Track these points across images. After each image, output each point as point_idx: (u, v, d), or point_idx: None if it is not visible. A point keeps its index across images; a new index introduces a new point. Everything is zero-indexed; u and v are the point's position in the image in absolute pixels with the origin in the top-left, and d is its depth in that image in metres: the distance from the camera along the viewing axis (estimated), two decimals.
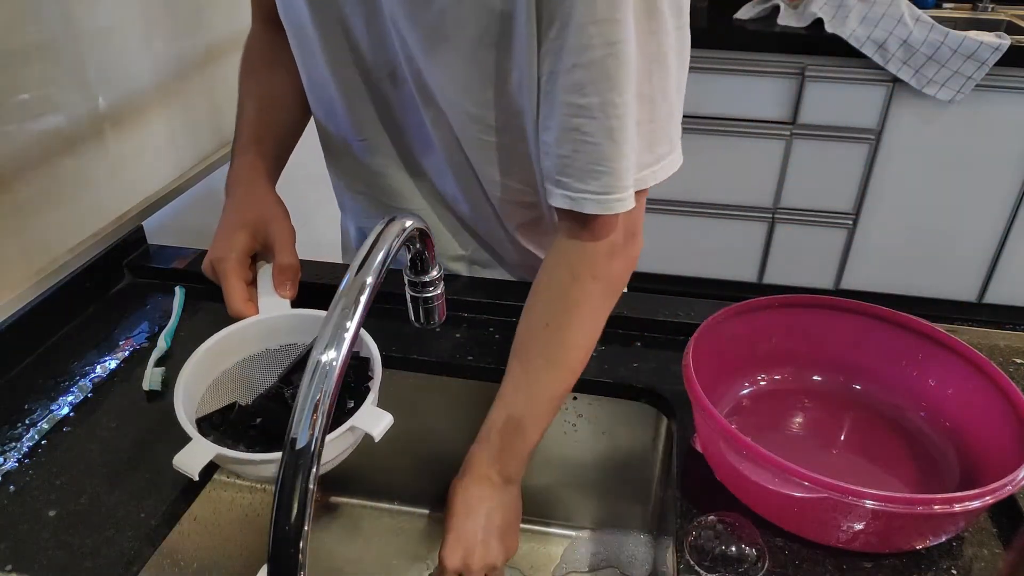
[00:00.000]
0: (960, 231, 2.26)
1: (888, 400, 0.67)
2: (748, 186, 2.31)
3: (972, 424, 0.62)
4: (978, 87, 2.01)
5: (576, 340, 0.65)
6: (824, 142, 2.19)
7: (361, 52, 0.68)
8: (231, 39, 1.06)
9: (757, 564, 0.54)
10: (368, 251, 0.42)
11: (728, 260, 2.47)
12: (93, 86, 0.82)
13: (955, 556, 0.55)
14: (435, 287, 0.50)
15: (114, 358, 0.74)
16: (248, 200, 0.72)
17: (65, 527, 0.57)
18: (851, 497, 0.50)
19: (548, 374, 0.64)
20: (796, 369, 0.70)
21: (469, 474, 0.64)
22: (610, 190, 0.58)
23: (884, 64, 2.02)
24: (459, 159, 0.71)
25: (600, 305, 0.66)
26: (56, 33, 0.76)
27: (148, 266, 0.88)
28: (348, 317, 0.39)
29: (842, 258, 2.39)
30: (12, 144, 0.72)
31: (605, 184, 0.57)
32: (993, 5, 2.35)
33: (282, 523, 0.36)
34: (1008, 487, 0.50)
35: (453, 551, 0.61)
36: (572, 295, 0.64)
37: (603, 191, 0.58)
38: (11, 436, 0.65)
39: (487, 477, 0.64)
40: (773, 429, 0.68)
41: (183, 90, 0.97)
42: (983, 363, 0.61)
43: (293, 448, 0.37)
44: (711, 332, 0.64)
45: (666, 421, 0.72)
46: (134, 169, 0.89)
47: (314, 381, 0.38)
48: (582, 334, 0.65)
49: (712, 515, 0.57)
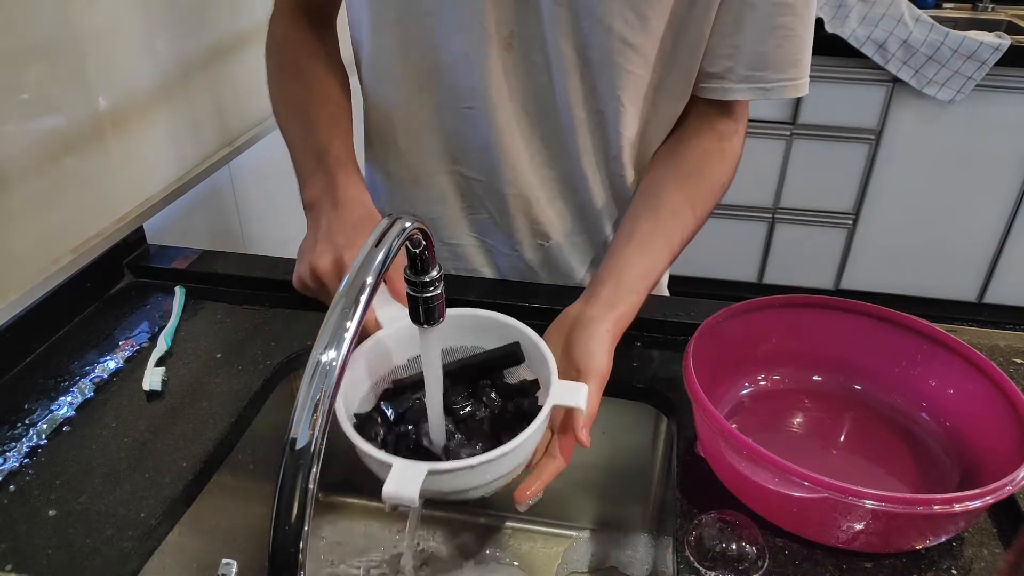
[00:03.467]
0: (960, 231, 2.27)
1: (888, 400, 0.68)
2: (748, 186, 2.31)
3: (972, 424, 0.62)
4: (978, 87, 2.01)
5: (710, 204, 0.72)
6: (824, 142, 2.19)
7: (485, 14, 0.67)
8: (233, 38, 1.06)
9: (757, 563, 0.54)
10: (368, 251, 0.42)
11: (728, 260, 2.47)
12: (93, 86, 0.82)
13: (955, 556, 0.55)
14: (435, 287, 0.50)
15: (114, 358, 0.74)
16: (369, 215, 0.68)
17: (65, 527, 0.57)
18: (851, 497, 0.50)
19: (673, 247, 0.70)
20: (796, 369, 0.70)
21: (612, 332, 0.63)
22: (803, 75, 0.69)
23: (884, 64, 2.02)
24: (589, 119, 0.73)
25: (720, 166, 0.74)
26: (56, 33, 0.76)
27: (148, 266, 0.88)
28: (348, 317, 0.39)
29: (842, 258, 2.39)
30: (12, 144, 0.72)
31: (801, 71, 0.69)
32: (993, 5, 2.35)
33: (282, 523, 0.36)
34: (1008, 487, 0.50)
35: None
36: (716, 159, 0.73)
37: (799, 76, 0.69)
38: (11, 436, 0.65)
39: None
40: (773, 429, 0.68)
41: (184, 90, 0.97)
42: (983, 363, 0.61)
43: (293, 448, 0.37)
44: (711, 332, 0.64)
45: (666, 421, 0.72)
46: (135, 169, 0.89)
47: (314, 381, 0.38)
48: (714, 198, 0.73)
49: (712, 513, 0.57)
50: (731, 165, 0.74)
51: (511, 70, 0.71)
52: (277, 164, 1.21)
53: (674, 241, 0.69)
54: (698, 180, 0.72)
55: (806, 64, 0.69)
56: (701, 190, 0.72)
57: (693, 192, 0.71)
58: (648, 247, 0.67)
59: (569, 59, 0.68)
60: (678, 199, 0.70)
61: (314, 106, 0.74)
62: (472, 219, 0.83)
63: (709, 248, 2.42)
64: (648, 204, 0.71)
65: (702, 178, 0.72)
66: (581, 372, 0.59)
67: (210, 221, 1.09)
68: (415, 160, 0.80)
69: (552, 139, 0.75)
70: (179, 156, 0.98)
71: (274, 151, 1.19)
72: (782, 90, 0.69)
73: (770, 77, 0.68)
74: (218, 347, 0.76)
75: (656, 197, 0.71)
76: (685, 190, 0.71)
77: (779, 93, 0.69)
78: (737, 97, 0.71)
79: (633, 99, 0.71)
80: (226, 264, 0.87)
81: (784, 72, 0.68)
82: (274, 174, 1.22)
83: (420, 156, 0.80)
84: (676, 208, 0.70)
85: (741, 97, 0.71)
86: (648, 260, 0.67)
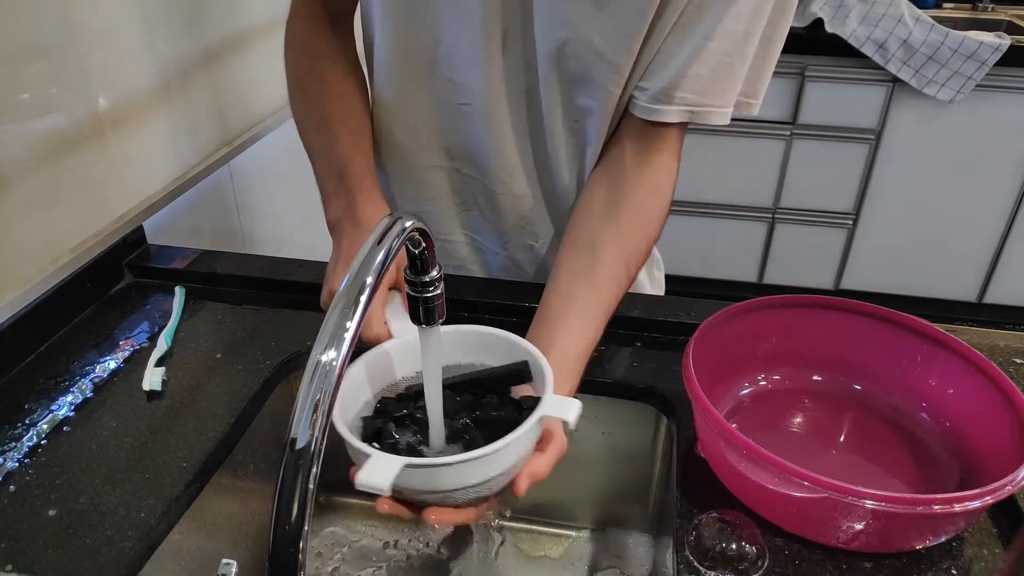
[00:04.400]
0: (960, 231, 2.26)
1: (888, 400, 0.68)
2: (748, 186, 2.31)
3: (972, 424, 0.62)
4: (978, 87, 2.01)
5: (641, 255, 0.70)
6: (824, 142, 2.19)
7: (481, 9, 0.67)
8: (232, 38, 1.06)
9: (757, 562, 0.54)
10: (368, 251, 0.42)
11: (728, 260, 2.47)
12: (93, 86, 0.82)
13: (955, 556, 0.55)
14: (435, 287, 0.50)
15: (114, 358, 0.74)
16: None
17: (65, 527, 0.57)
18: (851, 497, 0.50)
19: (617, 291, 0.68)
20: (796, 369, 0.70)
21: None
22: (728, 104, 0.68)
23: (884, 64, 2.02)
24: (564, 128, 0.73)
25: (656, 219, 0.72)
26: (56, 33, 0.76)
27: (148, 266, 0.88)
28: (348, 317, 0.39)
29: (842, 258, 2.39)
30: (12, 144, 0.72)
31: (727, 99, 0.68)
32: (993, 5, 2.35)
33: (282, 523, 0.36)
34: (1008, 487, 0.50)
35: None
36: (647, 202, 0.70)
37: (725, 104, 0.68)
38: (11, 436, 0.65)
39: None
40: (773, 429, 0.68)
41: (184, 89, 0.97)
42: (983, 363, 0.61)
43: (293, 448, 0.37)
44: (711, 332, 0.64)
45: (666, 421, 0.72)
46: (135, 169, 0.89)
47: (314, 381, 0.38)
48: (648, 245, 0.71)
49: (712, 513, 0.57)
50: (663, 209, 0.72)
51: (506, 69, 0.71)
52: (277, 163, 1.21)
53: (609, 311, 0.66)
54: (635, 239, 0.69)
55: (732, 97, 0.68)
56: (638, 251, 0.70)
57: (631, 254, 0.69)
58: (587, 316, 0.65)
59: (552, 66, 0.69)
60: (616, 262, 0.68)
61: (336, 121, 0.74)
62: (463, 215, 0.84)
63: (709, 248, 2.42)
64: (586, 263, 0.67)
65: (638, 237, 0.70)
66: (546, 440, 0.58)
67: (210, 220, 1.09)
68: (411, 153, 0.80)
69: (539, 141, 0.76)
70: (179, 155, 0.98)
71: (274, 150, 1.19)
72: (714, 116, 0.68)
73: (697, 100, 0.67)
74: (218, 347, 0.76)
75: (594, 255, 0.68)
76: (623, 251, 0.68)
77: (714, 119, 0.68)
78: (665, 118, 0.68)
79: (604, 114, 0.71)
80: (226, 264, 0.87)
81: (710, 98, 0.67)
82: (274, 173, 1.21)
83: (416, 149, 0.80)
84: (613, 272, 0.67)
85: (670, 119, 0.68)
86: (591, 332, 0.64)
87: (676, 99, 0.67)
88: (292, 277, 0.85)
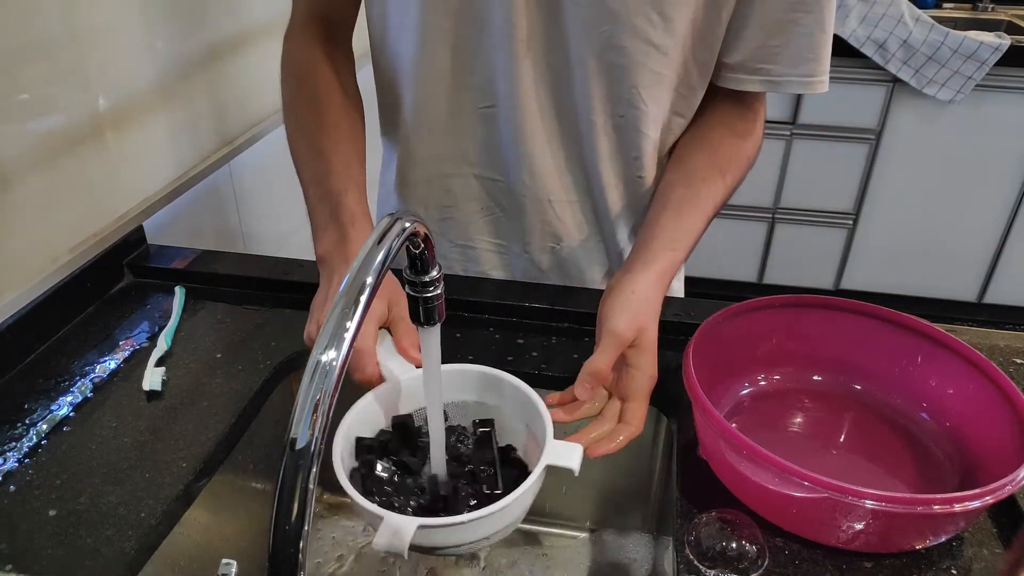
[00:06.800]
0: (960, 231, 2.27)
1: (888, 400, 0.68)
2: (748, 186, 2.30)
3: (972, 424, 0.62)
4: (978, 87, 2.01)
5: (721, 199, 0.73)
6: (824, 142, 2.19)
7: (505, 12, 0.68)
8: (232, 38, 1.06)
9: (757, 562, 0.54)
10: (368, 251, 0.42)
11: (728, 260, 2.47)
12: (93, 86, 0.82)
13: (955, 556, 0.55)
14: (435, 287, 0.50)
15: (114, 358, 0.74)
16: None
17: (65, 527, 0.57)
18: (851, 497, 0.50)
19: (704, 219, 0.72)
20: (796, 369, 0.70)
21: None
22: (816, 73, 0.70)
23: (884, 64, 2.02)
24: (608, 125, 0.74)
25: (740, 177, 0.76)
26: (56, 33, 0.76)
27: (148, 266, 0.88)
28: (348, 317, 0.39)
29: (842, 258, 2.39)
30: (12, 144, 0.72)
31: (814, 67, 0.70)
32: (993, 5, 2.35)
33: (282, 523, 0.36)
34: (1008, 487, 0.50)
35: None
36: (737, 152, 0.75)
37: (812, 74, 0.70)
38: (11, 436, 0.65)
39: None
40: (773, 429, 0.68)
41: (184, 89, 0.97)
42: (983, 363, 0.61)
43: (293, 448, 0.37)
44: (711, 332, 0.64)
45: (666, 421, 0.72)
46: (134, 169, 0.89)
47: (314, 381, 0.38)
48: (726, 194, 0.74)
49: (712, 513, 0.57)
50: (754, 149, 0.77)
51: (531, 71, 0.71)
52: (277, 163, 1.21)
53: (707, 206, 0.71)
54: (726, 151, 0.75)
55: (822, 61, 0.70)
56: (731, 159, 0.74)
57: (723, 161, 0.74)
58: (683, 211, 0.70)
59: (589, 62, 0.69)
60: (709, 168, 0.73)
61: (329, 145, 0.72)
62: (485, 220, 0.83)
63: (709, 248, 2.41)
64: (681, 173, 0.73)
65: (730, 149, 0.75)
66: (600, 336, 0.61)
67: (210, 220, 1.09)
68: (432, 162, 0.80)
69: (571, 142, 0.76)
70: (178, 155, 0.98)
71: (274, 150, 1.19)
72: (793, 85, 0.71)
73: (779, 71, 0.70)
74: (218, 347, 0.76)
75: (687, 167, 0.74)
76: (715, 160, 0.74)
77: (789, 88, 0.71)
78: (747, 88, 0.72)
79: (656, 98, 0.72)
80: (226, 264, 0.87)
81: (795, 67, 0.69)
82: (274, 173, 1.21)
83: (438, 157, 0.80)
84: (707, 175, 0.72)
85: (751, 88, 0.72)
86: (684, 223, 0.69)
87: (755, 70, 0.71)
88: (292, 277, 0.85)
